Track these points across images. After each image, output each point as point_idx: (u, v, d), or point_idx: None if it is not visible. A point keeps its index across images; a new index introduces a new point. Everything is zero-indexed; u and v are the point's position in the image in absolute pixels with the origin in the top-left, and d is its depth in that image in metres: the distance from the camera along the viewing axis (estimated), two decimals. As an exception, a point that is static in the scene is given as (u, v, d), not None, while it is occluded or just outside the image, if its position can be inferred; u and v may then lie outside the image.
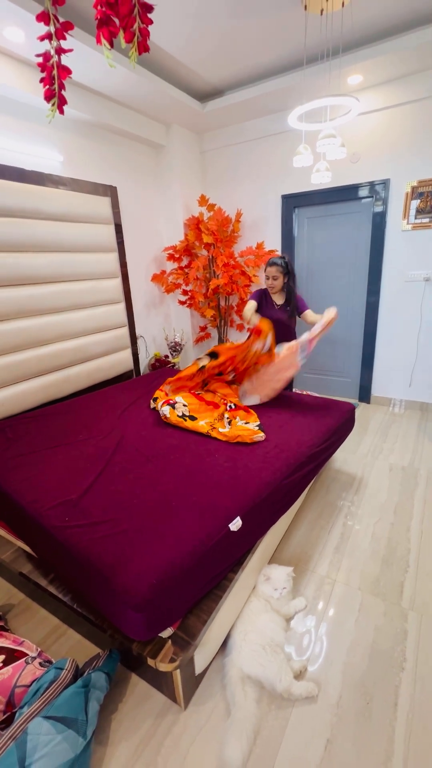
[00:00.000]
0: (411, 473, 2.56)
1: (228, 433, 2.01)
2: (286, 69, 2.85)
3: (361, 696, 1.31)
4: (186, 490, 1.58)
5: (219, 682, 1.36)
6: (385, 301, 3.40)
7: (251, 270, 3.67)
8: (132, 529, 1.37)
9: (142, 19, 0.97)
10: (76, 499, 1.55)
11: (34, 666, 1.29)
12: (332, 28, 2.28)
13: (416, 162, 2.97)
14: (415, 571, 1.79)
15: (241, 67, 2.81)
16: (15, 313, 2.44)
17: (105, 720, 1.27)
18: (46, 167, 2.69)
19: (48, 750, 1.02)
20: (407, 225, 3.12)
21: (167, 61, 2.66)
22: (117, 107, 3.00)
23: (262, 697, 1.31)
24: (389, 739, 1.19)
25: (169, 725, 1.26)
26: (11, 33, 2.02)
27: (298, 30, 2.34)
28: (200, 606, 1.29)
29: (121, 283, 3.26)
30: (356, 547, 1.95)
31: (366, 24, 2.36)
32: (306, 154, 2.38)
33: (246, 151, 3.65)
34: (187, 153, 3.68)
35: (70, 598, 1.41)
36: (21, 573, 1.57)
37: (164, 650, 1.16)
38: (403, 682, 1.34)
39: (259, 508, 1.55)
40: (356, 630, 1.53)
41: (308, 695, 1.29)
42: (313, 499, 2.35)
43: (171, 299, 4.09)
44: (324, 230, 3.54)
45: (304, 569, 1.83)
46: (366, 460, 2.76)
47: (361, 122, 3.06)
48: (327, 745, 1.18)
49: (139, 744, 1.22)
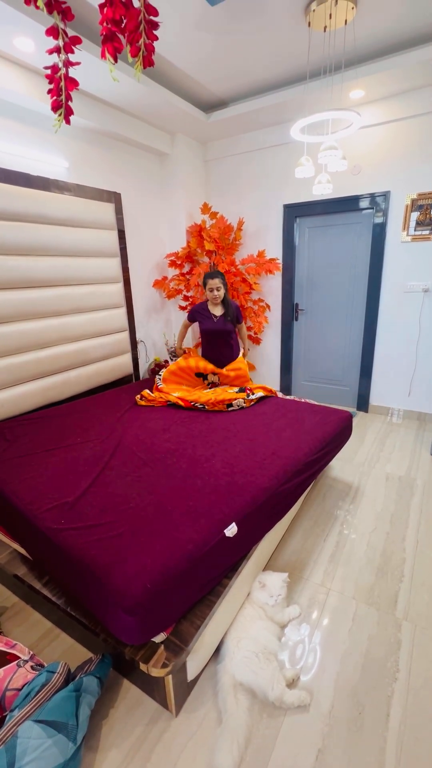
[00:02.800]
0: (407, 483, 2.57)
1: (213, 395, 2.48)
2: (290, 82, 2.91)
3: (353, 706, 1.30)
4: (182, 495, 1.58)
5: (211, 689, 1.36)
6: (384, 311, 3.43)
7: (252, 278, 3.71)
8: (127, 532, 1.37)
9: (147, 35, 1.00)
10: (73, 502, 1.56)
11: (26, 669, 1.28)
12: (335, 44, 2.34)
13: (416, 175, 3.01)
14: (410, 581, 1.79)
15: (246, 80, 2.86)
16: (16, 315, 2.47)
17: (96, 725, 1.27)
18: (51, 173, 2.73)
19: (37, 754, 1.02)
20: (407, 236, 3.16)
21: (173, 73, 2.71)
22: (123, 116, 3.05)
23: (254, 705, 1.31)
24: (381, 750, 1.18)
25: (160, 732, 1.25)
26: (22, 43, 2.07)
27: (302, 46, 2.40)
28: (194, 611, 1.29)
29: (123, 288, 3.29)
30: (351, 556, 1.95)
31: (368, 41, 2.42)
32: (308, 165, 2.42)
33: (249, 161, 3.70)
34: (190, 162, 3.74)
35: (64, 601, 1.41)
36: (15, 575, 1.56)
37: (156, 655, 1.16)
38: (395, 693, 1.33)
39: (255, 514, 1.55)
40: (350, 639, 1.53)
41: (300, 704, 1.29)
42: (309, 507, 2.35)
43: (172, 305, 4.12)
44: (324, 240, 3.58)
45: (298, 577, 1.83)
46: (363, 469, 2.77)
47: (362, 135, 3.11)
48: (318, 755, 1.17)
49: (129, 750, 1.21)
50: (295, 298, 3.88)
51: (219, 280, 2.80)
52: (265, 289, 3.96)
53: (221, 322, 2.90)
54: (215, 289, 2.81)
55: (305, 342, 3.97)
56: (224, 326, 2.90)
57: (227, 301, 2.91)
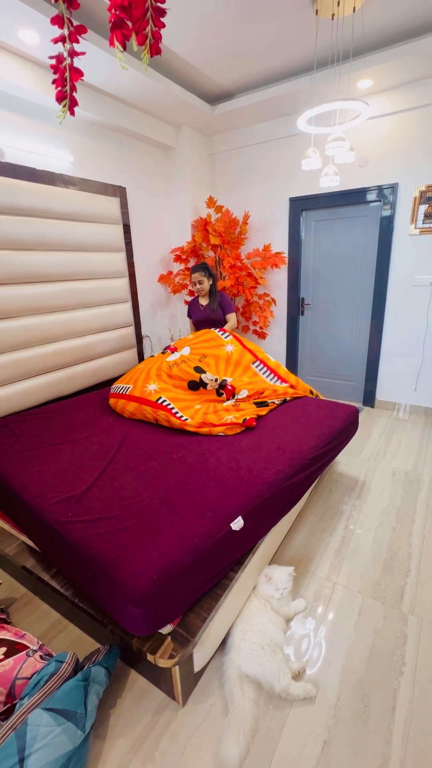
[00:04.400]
0: (414, 478, 2.55)
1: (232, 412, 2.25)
2: (296, 73, 2.87)
3: (359, 698, 1.30)
4: (188, 489, 1.59)
5: (218, 681, 1.37)
6: (391, 305, 3.39)
7: (258, 272, 3.69)
8: (134, 525, 1.38)
9: (155, 22, 0.99)
10: (80, 495, 1.57)
11: (35, 659, 1.30)
12: (343, 32, 2.30)
13: (425, 166, 2.96)
14: (416, 575, 1.78)
15: (251, 71, 2.83)
16: (22, 310, 2.47)
17: (104, 714, 1.28)
18: (56, 167, 2.73)
19: (47, 741, 1.03)
20: (415, 229, 3.11)
21: (178, 64, 2.68)
22: (127, 109, 3.03)
23: (260, 696, 1.31)
24: (386, 742, 1.18)
25: (167, 722, 1.27)
26: (26, 35, 2.05)
27: (309, 34, 2.36)
28: (200, 604, 1.30)
29: (128, 282, 3.29)
30: (357, 551, 1.95)
31: (377, 29, 2.37)
32: (314, 157, 2.39)
33: (254, 154, 3.66)
34: (196, 155, 3.71)
35: (72, 592, 1.42)
36: (24, 567, 1.58)
37: (164, 646, 1.17)
38: (401, 686, 1.33)
39: (261, 508, 1.55)
40: (356, 633, 1.53)
41: (306, 696, 1.30)
42: (315, 501, 2.35)
43: (177, 300, 4.12)
44: (331, 233, 3.54)
45: (304, 571, 1.83)
46: (369, 464, 2.76)
47: (370, 126, 3.06)
48: (324, 746, 1.18)
49: (136, 739, 1.22)
50: (301, 293, 3.85)
51: (200, 273, 3.00)
52: (270, 284, 3.94)
53: (207, 310, 3.11)
54: (197, 282, 3.04)
55: (311, 337, 3.95)
56: (210, 315, 3.09)
57: (213, 291, 3.11)
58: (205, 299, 3.14)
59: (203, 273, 3.01)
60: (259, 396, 2.46)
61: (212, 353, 2.64)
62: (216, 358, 2.62)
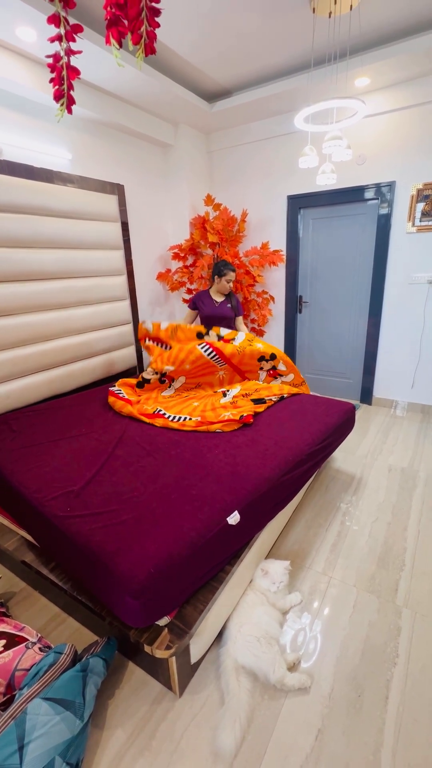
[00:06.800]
0: (410, 474, 2.57)
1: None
2: (294, 71, 2.87)
3: (352, 689, 1.33)
4: (185, 484, 1.61)
5: (214, 672, 1.39)
6: (388, 303, 3.41)
7: (256, 270, 3.70)
8: (132, 519, 1.40)
9: (149, 22, 1.00)
10: (78, 490, 1.59)
11: (34, 651, 1.32)
12: (340, 30, 2.30)
13: (422, 164, 2.97)
14: (411, 569, 1.81)
15: (249, 68, 2.83)
16: (21, 307, 2.48)
17: (102, 705, 1.31)
18: (54, 165, 2.73)
19: (46, 730, 1.05)
20: (412, 227, 3.13)
21: (175, 61, 2.69)
22: (125, 106, 3.03)
23: (256, 687, 1.34)
24: (379, 730, 1.21)
25: (164, 712, 1.29)
26: (23, 33, 2.06)
27: (306, 32, 2.37)
28: (197, 596, 1.32)
29: (127, 280, 3.30)
30: (353, 546, 1.97)
31: (374, 27, 2.37)
32: (312, 155, 2.39)
33: (252, 152, 3.67)
34: (194, 152, 3.71)
35: (71, 586, 1.44)
36: (23, 561, 1.60)
37: (161, 638, 1.19)
38: (394, 677, 1.36)
39: (258, 503, 1.57)
40: (350, 626, 1.55)
41: (301, 687, 1.32)
42: (311, 497, 2.37)
43: (175, 297, 4.13)
44: (329, 231, 3.55)
45: (300, 566, 1.85)
46: (365, 460, 2.78)
47: (367, 124, 3.07)
48: (318, 735, 1.21)
49: (134, 729, 1.25)
50: (299, 291, 3.86)
51: (234, 273, 3.02)
52: (268, 282, 3.95)
53: (222, 306, 3.08)
54: (233, 281, 3.03)
55: (309, 334, 3.97)
56: (224, 311, 3.08)
57: (231, 293, 3.12)
58: (220, 296, 3.10)
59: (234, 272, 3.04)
60: (254, 393, 2.54)
61: (206, 380, 2.77)
62: (210, 384, 2.77)
